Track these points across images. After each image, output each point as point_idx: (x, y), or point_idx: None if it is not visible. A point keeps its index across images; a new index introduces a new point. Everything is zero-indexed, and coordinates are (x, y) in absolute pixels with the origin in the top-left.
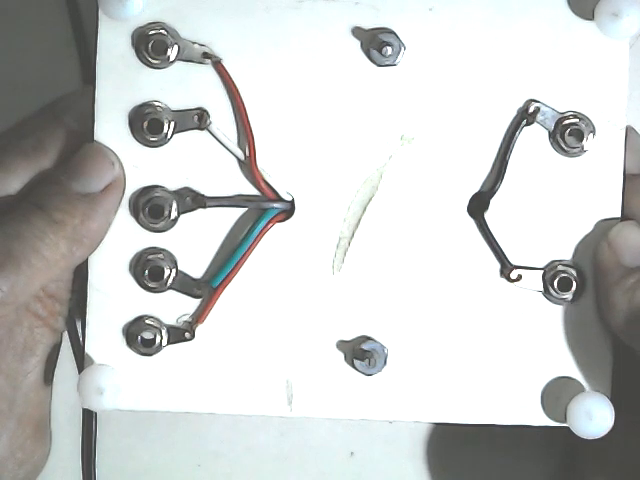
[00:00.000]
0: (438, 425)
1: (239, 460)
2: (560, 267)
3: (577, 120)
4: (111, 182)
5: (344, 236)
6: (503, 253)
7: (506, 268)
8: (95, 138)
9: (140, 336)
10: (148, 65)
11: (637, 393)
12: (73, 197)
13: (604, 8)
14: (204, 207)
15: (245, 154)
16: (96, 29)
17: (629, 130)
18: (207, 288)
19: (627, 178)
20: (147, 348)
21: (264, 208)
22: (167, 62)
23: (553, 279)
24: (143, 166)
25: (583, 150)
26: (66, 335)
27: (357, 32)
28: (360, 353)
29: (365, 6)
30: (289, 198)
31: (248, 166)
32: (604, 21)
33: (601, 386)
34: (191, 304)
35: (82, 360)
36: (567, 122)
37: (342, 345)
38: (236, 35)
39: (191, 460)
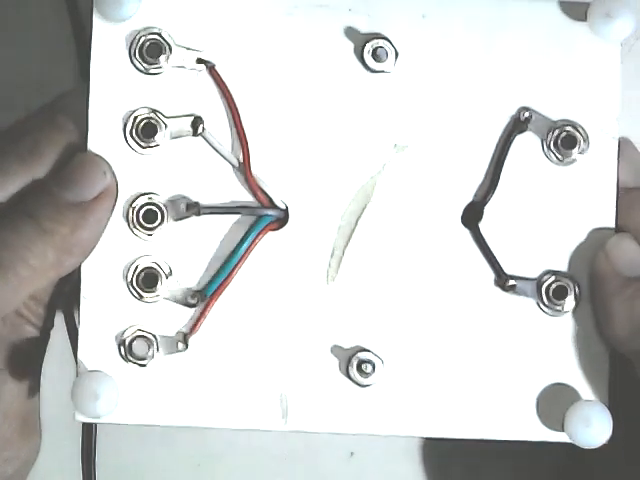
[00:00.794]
0: None
1: (239, 460)
2: (555, 277)
3: (570, 128)
4: (102, 191)
5: (338, 245)
6: (498, 263)
7: (501, 278)
8: (88, 146)
9: (133, 347)
10: (142, 71)
11: (635, 405)
12: (64, 206)
13: (597, 9)
14: (198, 215)
15: (239, 161)
16: (90, 35)
17: (624, 142)
18: (201, 297)
19: (622, 191)
20: (140, 359)
21: (258, 215)
22: (161, 68)
23: (548, 289)
24: (137, 173)
25: (576, 159)
26: (67, 337)
27: (350, 39)
28: (355, 364)
29: (358, 13)
30: (283, 207)
31: (242, 173)
32: (597, 23)
33: (598, 397)
34: (185, 314)
35: None
36: (560, 130)
37: (337, 356)
38: (230, 41)
39: (191, 460)
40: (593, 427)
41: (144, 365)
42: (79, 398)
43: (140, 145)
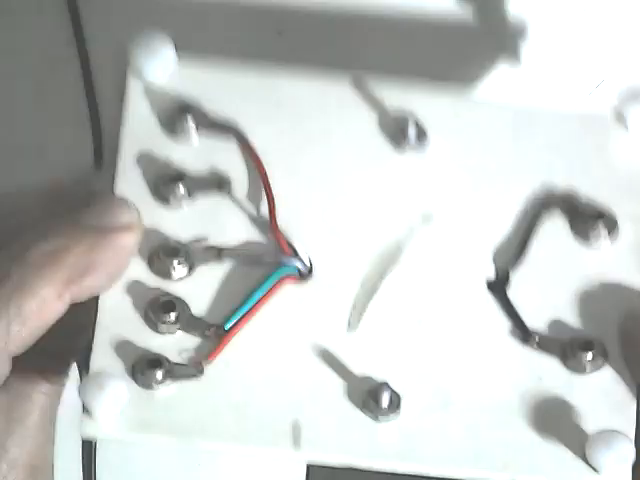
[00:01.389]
0: None
1: (239, 460)
2: (580, 338)
3: (598, 213)
4: (126, 223)
5: (360, 299)
6: (522, 322)
7: (525, 335)
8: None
9: (145, 373)
10: (170, 139)
11: None
12: (82, 227)
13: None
14: (220, 258)
15: (265, 220)
16: (124, 105)
17: None
18: (218, 331)
19: None
20: (152, 385)
21: (281, 261)
22: (189, 139)
23: (572, 347)
24: (162, 226)
25: (604, 243)
26: None
27: (380, 118)
28: (373, 398)
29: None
30: (307, 261)
31: (269, 230)
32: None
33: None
34: (199, 343)
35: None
36: (587, 213)
37: (353, 389)
38: (261, 112)
39: (191, 460)
40: (614, 451)
41: (157, 391)
42: (86, 393)
43: (167, 201)
